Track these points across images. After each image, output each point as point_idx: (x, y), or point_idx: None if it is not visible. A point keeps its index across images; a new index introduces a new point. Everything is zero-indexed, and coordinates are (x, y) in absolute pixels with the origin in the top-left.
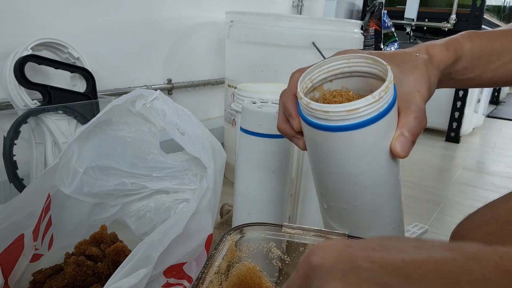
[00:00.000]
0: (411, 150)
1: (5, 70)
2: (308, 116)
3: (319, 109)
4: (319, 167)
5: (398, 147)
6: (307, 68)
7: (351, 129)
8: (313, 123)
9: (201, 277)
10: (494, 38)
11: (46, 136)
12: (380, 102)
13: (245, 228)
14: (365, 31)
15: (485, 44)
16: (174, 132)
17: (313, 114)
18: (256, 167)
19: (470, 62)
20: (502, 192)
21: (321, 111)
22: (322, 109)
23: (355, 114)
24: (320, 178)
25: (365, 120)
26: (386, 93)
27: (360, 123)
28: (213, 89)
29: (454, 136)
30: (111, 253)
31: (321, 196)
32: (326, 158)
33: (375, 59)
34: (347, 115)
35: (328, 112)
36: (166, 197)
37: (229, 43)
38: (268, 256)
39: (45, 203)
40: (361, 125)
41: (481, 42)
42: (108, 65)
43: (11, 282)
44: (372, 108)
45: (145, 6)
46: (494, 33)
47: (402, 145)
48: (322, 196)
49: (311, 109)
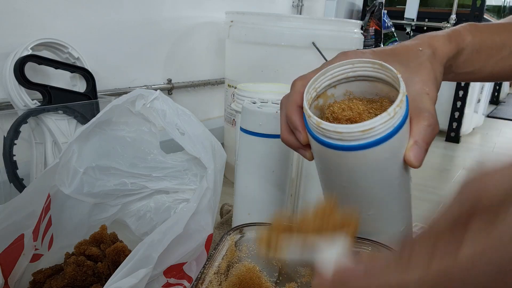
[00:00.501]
0: (424, 159)
1: (5, 70)
2: (319, 134)
3: (332, 130)
4: (329, 180)
5: (412, 157)
6: (309, 76)
7: (365, 148)
8: (325, 142)
9: (200, 277)
10: (494, 31)
11: (46, 136)
12: (395, 118)
13: (245, 228)
14: (365, 31)
15: (485, 37)
16: (174, 132)
17: (325, 134)
18: (256, 167)
19: (470, 55)
20: None
21: (334, 132)
22: (336, 130)
23: (370, 133)
24: (330, 188)
25: (380, 138)
26: (401, 108)
27: (375, 142)
28: (213, 89)
29: (454, 136)
30: (111, 253)
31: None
32: (339, 174)
33: (383, 65)
34: (362, 135)
35: (342, 133)
36: (166, 197)
37: (229, 43)
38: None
39: (45, 203)
40: (376, 144)
41: (481, 36)
42: (108, 65)
43: (11, 282)
44: (387, 125)
45: (145, 6)
46: (494, 26)
47: (416, 155)
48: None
49: (322, 129)
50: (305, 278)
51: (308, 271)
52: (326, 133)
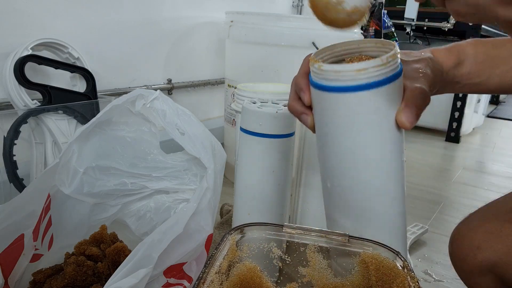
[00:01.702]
0: (415, 123)
1: (5, 70)
2: (319, 79)
3: (330, 69)
4: (326, 141)
5: (403, 117)
6: None
7: (359, 89)
8: (324, 85)
9: (202, 276)
10: (499, 44)
11: (46, 136)
12: (388, 67)
13: (245, 228)
14: (365, 31)
15: (489, 49)
16: (174, 132)
17: (324, 76)
18: (256, 167)
19: (474, 67)
20: (502, 192)
21: (332, 71)
22: (333, 69)
23: (363, 74)
24: (326, 154)
25: (372, 82)
26: (393, 59)
27: (368, 84)
28: (213, 89)
29: (454, 136)
30: (111, 253)
31: (326, 177)
32: (334, 127)
33: (383, 41)
34: (356, 75)
35: (339, 71)
36: (166, 197)
37: (229, 43)
38: (269, 256)
39: (45, 203)
40: (368, 87)
41: (484, 48)
42: (108, 65)
43: (11, 282)
44: (379, 71)
45: (145, 6)
46: (498, 40)
47: (407, 115)
48: (327, 176)
49: (322, 71)
50: (306, 278)
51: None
52: (325, 75)
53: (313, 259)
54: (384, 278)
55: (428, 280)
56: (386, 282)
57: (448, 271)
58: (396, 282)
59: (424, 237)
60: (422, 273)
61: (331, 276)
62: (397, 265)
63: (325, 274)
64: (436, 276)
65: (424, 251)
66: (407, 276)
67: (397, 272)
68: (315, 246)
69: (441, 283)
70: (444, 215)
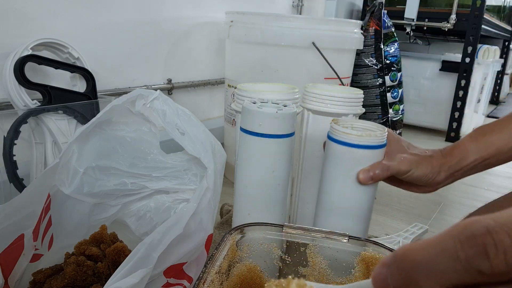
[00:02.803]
0: (367, 182)
1: (5, 70)
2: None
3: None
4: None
5: (360, 174)
6: None
7: (359, 148)
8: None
9: (202, 276)
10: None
11: (46, 136)
12: (376, 139)
13: (246, 228)
14: (365, 31)
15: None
16: (174, 132)
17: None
18: (256, 167)
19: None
20: (502, 192)
21: (344, 134)
22: (345, 132)
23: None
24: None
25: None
26: (383, 134)
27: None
28: (213, 89)
29: (454, 136)
30: (111, 253)
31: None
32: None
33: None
34: (359, 139)
35: (350, 134)
36: (166, 197)
37: (229, 43)
38: (269, 256)
39: (45, 203)
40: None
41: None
42: (108, 65)
43: (11, 282)
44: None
45: (145, 6)
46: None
47: (363, 174)
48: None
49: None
50: (306, 278)
51: (308, 271)
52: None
53: (313, 259)
54: None
55: None
56: None
57: None
58: None
59: (424, 237)
60: None
61: (331, 276)
62: None
63: (325, 274)
64: None
65: None
66: None
67: None
68: (315, 246)
69: None
70: (444, 215)
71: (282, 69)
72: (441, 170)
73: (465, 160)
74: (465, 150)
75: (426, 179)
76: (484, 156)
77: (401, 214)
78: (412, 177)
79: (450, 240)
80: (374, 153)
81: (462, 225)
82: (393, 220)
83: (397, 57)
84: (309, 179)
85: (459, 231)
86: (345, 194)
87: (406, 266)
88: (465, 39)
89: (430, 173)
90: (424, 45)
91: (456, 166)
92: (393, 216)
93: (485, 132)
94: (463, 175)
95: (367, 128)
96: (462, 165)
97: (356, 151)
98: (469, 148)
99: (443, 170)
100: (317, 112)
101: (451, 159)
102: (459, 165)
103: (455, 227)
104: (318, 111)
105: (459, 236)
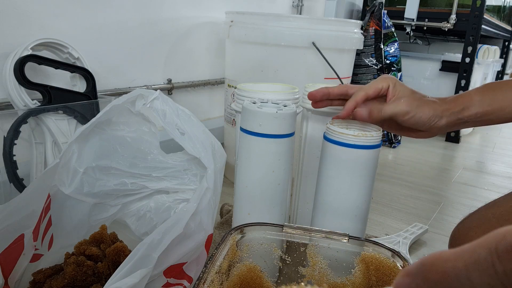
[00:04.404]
0: (364, 118)
1: (5, 70)
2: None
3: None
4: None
5: (358, 111)
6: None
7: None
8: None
9: (202, 276)
10: (509, 87)
11: (46, 136)
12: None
13: (246, 228)
14: (365, 31)
15: (496, 94)
16: (174, 132)
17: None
18: (256, 167)
19: (480, 110)
20: (502, 192)
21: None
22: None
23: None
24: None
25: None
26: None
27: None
28: (213, 89)
29: (454, 136)
30: (111, 253)
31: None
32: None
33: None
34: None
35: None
36: (166, 197)
37: (229, 43)
38: (269, 256)
39: (45, 203)
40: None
41: (493, 92)
42: (108, 65)
43: (11, 282)
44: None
45: (145, 6)
46: (510, 82)
47: (358, 111)
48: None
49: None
50: (306, 278)
51: (308, 271)
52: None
53: (313, 259)
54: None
55: None
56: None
57: None
58: None
59: (424, 237)
60: None
61: (331, 276)
62: (397, 265)
63: (325, 274)
64: None
65: (424, 251)
66: None
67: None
68: (315, 246)
69: None
70: (444, 215)
71: (282, 69)
72: (443, 116)
73: (468, 110)
74: (470, 100)
75: (428, 123)
76: (487, 110)
77: (401, 214)
78: (414, 119)
79: (485, 251)
80: (371, 153)
81: (501, 234)
82: (393, 220)
83: (397, 57)
84: (309, 179)
85: (497, 241)
86: (342, 194)
87: (434, 277)
88: (465, 39)
89: (433, 116)
90: (424, 45)
91: (459, 114)
92: (393, 216)
93: (493, 87)
94: (463, 125)
95: (363, 128)
96: (465, 115)
97: (352, 152)
98: (474, 99)
99: (445, 115)
100: (317, 112)
101: (455, 106)
102: (461, 113)
103: (492, 237)
104: (318, 111)
105: (497, 247)
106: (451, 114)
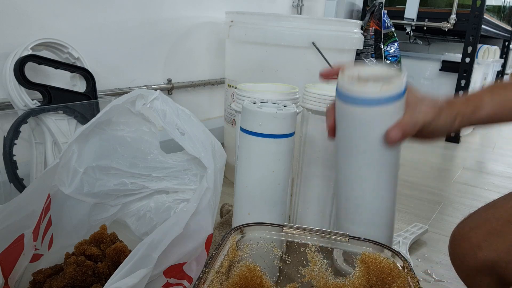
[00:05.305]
0: (398, 141)
1: (5, 70)
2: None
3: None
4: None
5: (389, 132)
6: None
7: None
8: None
9: (202, 276)
10: None
11: (46, 136)
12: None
13: (246, 228)
14: (365, 31)
15: (507, 93)
16: (174, 132)
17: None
18: (256, 167)
19: (491, 111)
20: (502, 192)
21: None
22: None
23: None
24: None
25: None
26: (402, 80)
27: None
28: (213, 89)
29: (454, 136)
30: (111, 253)
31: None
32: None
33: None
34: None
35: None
36: (166, 197)
37: (229, 43)
38: (269, 256)
39: (45, 203)
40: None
41: (504, 91)
42: (108, 65)
43: (11, 282)
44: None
45: (145, 6)
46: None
47: (392, 133)
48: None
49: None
50: (306, 278)
51: (308, 271)
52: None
53: (313, 259)
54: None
55: (428, 280)
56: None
57: (448, 271)
58: (396, 282)
59: (424, 237)
60: (422, 273)
61: (331, 276)
62: (398, 265)
63: (325, 274)
64: (436, 276)
65: (424, 251)
66: (407, 276)
67: (397, 272)
68: (315, 246)
69: (441, 283)
70: (444, 215)
71: (282, 69)
72: (456, 119)
73: (478, 112)
74: (480, 100)
75: (445, 128)
76: (497, 111)
77: (401, 214)
78: (433, 127)
79: None
80: (398, 104)
81: None
82: None
83: (397, 57)
84: (309, 179)
85: None
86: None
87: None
88: (465, 39)
89: (449, 121)
90: (424, 45)
91: (471, 116)
92: None
93: (505, 86)
94: (475, 125)
95: (379, 75)
96: (476, 116)
97: (380, 109)
98: (485, 100)
99: (458, 118)
100: (317, 112)
101: (466, 108)
102: (473, 115)
103: None
104: (318, 111)
105: None
106: (463, 117)
